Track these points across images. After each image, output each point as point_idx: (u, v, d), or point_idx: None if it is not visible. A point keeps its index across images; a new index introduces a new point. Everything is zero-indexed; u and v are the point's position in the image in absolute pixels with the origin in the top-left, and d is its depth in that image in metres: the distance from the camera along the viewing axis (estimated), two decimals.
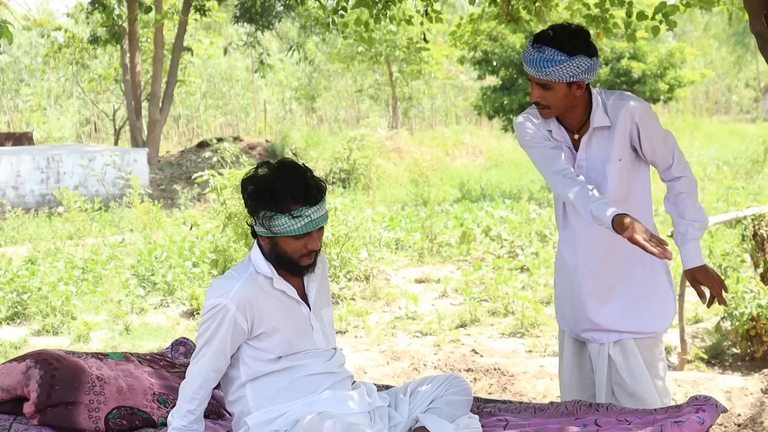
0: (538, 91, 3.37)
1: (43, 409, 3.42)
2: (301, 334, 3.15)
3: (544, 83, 3.34)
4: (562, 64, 3.27)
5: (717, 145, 22.46)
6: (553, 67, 3.27)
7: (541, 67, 3.29)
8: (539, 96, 3.37)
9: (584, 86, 3.38)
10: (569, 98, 3.37)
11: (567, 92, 3.35)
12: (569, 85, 3.33)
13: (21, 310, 8.39)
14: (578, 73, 3.29)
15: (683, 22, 36.79)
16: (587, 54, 3.30)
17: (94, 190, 17.30)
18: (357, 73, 30.26)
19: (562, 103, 3.38)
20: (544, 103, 3.38)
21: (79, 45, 24.00)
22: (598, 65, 3.39)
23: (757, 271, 7.44)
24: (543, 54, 3.29)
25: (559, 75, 3.28)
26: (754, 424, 5.21)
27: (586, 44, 3.32)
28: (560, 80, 3.30)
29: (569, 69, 3.27)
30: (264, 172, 3.02)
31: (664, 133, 3.44)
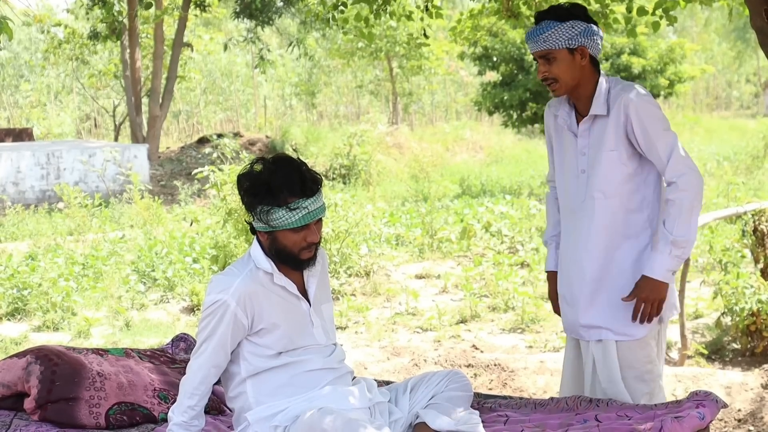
0: (543, 66, 3.39)
1: (44, 405, 3.42)
2: (302, 330, 3.15)
3: (545, 53, 3.36)
4: (555, 28, 3.32)
5: (717, 141, 22.45)
6: (547, 32, 3.33)
7: (537, 35, 3.35)
8: (545, 70, 3.38)
9: (588, 55, 3.37)
10: (574, 68, 3.37)
11: (571, 61, 3.35)
12: (571, 52, 3.34)
13: (21, 306, 8.40)
14: (575, 35, 3.32)
15: (683, 17, 36.78)
16: (581, 19, 3.35)
17: (95, 186, 17.30)
18: (357, 68, 30.25)
19: (567, 74, 3.37)
20: (550, 76, 3.39)
21: (79, 41, 23.99)
22: (597, 34, 3.38)
23: (757, 267, 7.45)
24: (539, 26, 3.37)
25: (555, 39, 3.32)
26: (754, 419, 5.21)
27: (580, 12, 3.38)
28: (558, 45, 3.33)
29: (564, 31, 3.32)
30: (259, 168, 3.03)
31: (662, 131, 3.32)
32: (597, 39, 3.38)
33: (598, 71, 3.44)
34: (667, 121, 3.36)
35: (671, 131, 3.34)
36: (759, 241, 7.38)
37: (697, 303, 7.61)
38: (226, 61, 32.41)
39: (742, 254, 8.39)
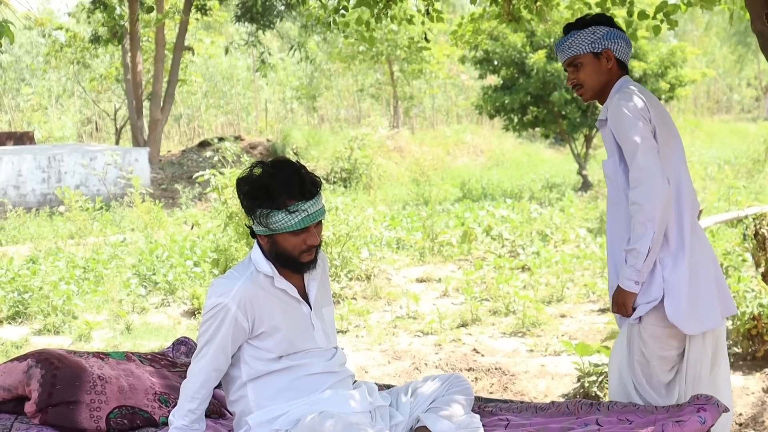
0: (571, 74, 3.48)
1: (45, 409, 3.42)
2: (302, 334, 3.15)
3: (572, 60, 3.45)
4: (578, 34, 3.43)
5: (718, 144, 22.45)
6: (571, 39, 3.44)
7: (563, 43, 3.47)
8: (573, 77, 3.47)
9: (613, 58, 3.42)
10: (600, 72, 3.43)
11: (596, 65, 3.42)
12: (596, 56, 3.42)
13: (22, 310, 8.40)
14: (598, 39, 3.41)
15: (684, 21, 36.79)
16: (603, 24, 3.44)
17: (96, 190, 17.31)
18: (358, 72, 30.26)
19: (593, 78, 3.44)
20: (577, 82, 3.46)
21: (81, 44, 24.02)
22: (621, 38, 3.44)
23: (758, 271, 7.43)
24: (564, 36, 3.48)
25: (578, 44, 3.42)
26: (756, 423, 5.21)
27: (603, 19, 3.47)
28: (582, 50, 3.41)
29: (586, 36, 3.41)
30: (258, 172, 3.04)
31: (628, 137, 3.28)
32: (621, 42, 3.44)
33: (626, 75, 3.49)
34: (637, 126, 3.26)
35: (637, 138, 3.26)
36: (760, 245, 7.37)
37: None
38: (227, 65, 32.42)
39: (743, 258, 8.38)
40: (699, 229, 3.42)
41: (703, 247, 3.39)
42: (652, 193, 3.20)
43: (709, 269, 3.38)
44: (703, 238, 3.42)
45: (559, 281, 8.76)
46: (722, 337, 3.52)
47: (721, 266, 7.90)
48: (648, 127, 3.27)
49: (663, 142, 3.33)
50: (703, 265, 3.36)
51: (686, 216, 3.35)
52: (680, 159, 3.42)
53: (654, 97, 3.43)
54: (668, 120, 3.43)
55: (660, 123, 3.35)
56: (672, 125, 3.46)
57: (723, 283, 3.47)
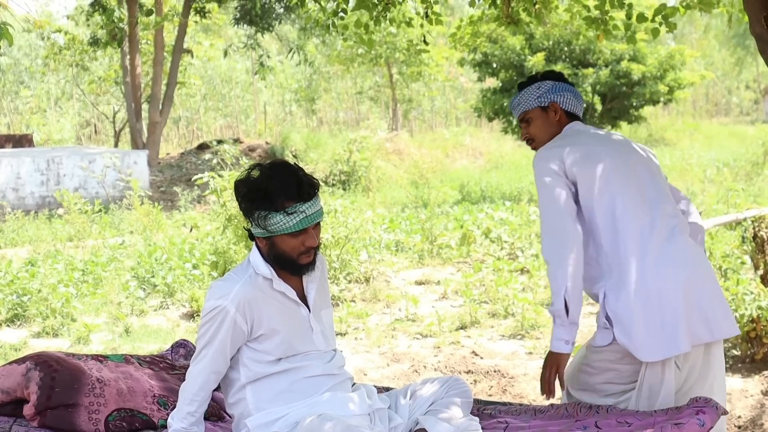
0: (524, 130, 3.60)
1: (43, 411, 3.42)
2: (301, 336, 3.15)
3: (522, 116, 3.58)
4: (524, 91, 3.57)
5: (717, 147, 22.47)
6: (519, 97, 3.57)
7: (513, 102, 3.61)
8: (525, 132, 3.59)
9: (560, 110, 3.52)
10: (549, 124, 3.53)
11: (544, 118, 3.54)
12: (544, 110, 3.53)
13: (21, 312, 8.39)
14: (544, 93, 3.53)
15: (683, 23, 36.83)
16: (551, 79, 3.56)
17: (94, 192, 17.31)
18: (357, 75, 30.29)
19: (542, 131, 3.53)
20: (529, 136, 3.58)
21: (79, 47, 24.04)
22: (568, 90, 3.55)
23: (757, 273, 7.44)
24: (515, 95, 3.63)
25: (527, 100, 3.55)
26: (755, 426, 5.21)
27: (550, 75, 3.59)
28: (530, 106, 3.54)
29: (534, 92, 3.54)
30: (256, 174, 3.04)
31: (538, 192, 3.37)
32: (568, 95, 3.54)
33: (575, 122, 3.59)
34: (542, 182, 3.33)
35: (542, 193, 3.33)
36: (759, 248, 7.38)
37: None
38: (226, 68, 32.44)
39: (741, 261, 8.38)
40: (668, 251, 3.30)
41: (669, 271, 3.26)
42: (557, 250, 3.25)
43: (675, 294, 3.24)
44: (674, 261, 3.28)
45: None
46: (710, 355, 3.41)
47: (720, 269, 7.93)
48: (557, 181, 3.31)
49: (590, 180, 3.32)
50: (667, 289, 3.24)
51: (630, 245, 3.28)
52: (624, 189, 3.34)
53: (590, 138, 3.44)
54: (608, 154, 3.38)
55: (587, 164, 3.33)
56: (616, 155, 3.40)
57: (711, 305, 3.32)
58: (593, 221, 3.34)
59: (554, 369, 3.30)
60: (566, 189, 3.30)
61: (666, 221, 3.36)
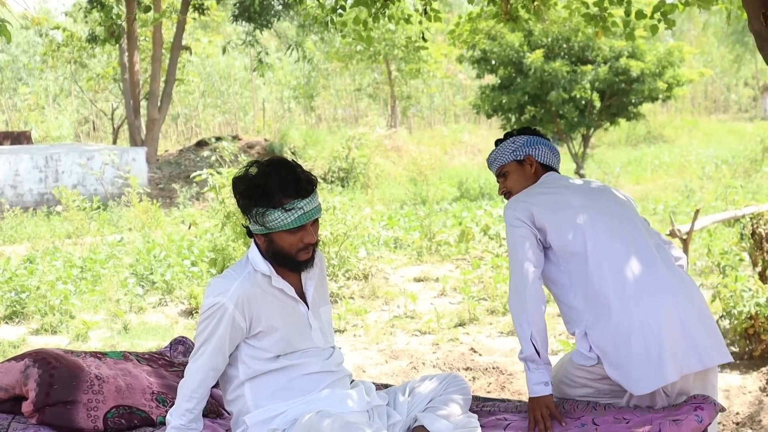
0: (501, 184, 3.67)
1: (42, 408, 3.42)
2: (300, 333, 3.15)
3: (499, 170, 3.64)
4: (500, 147, 3.65)
5: (715, 144, 22.49)
6: (496, 152, 3.64)
7: (490, 158, 3.67)
8: (503, 187, 3.66)
9: (536, 163, 3.58)
10: (525, 177, 3.59)
11: (520, 171, 3.60)
12: (520, 163, 3.60)
13: (19, 309, 8.39)
14: (519, 147, 3.59)
15: (682, 20, 36.81)
16: (525, 134, 3.64)
17: (93, 189, 17.30)
18: (355, 71, 30.27)
19: (519, 184, 3.59)
20: (506, 190, 3.64)
21: (78, 44, 24.01)
22: (543, 143, 3.61)
23: (755, 270, 7.45)
24: (491, 152, 3.69)
25: (503, 155, 3.62)
26: (753, 422, 5.21)
27: (526, 130, 3.67)
28: (506, 160, 3.61)
29: (509, 146, 3.62)
30: (254, 171, 3.05)
31: (508, 247, 3.43)
32: (543, 148, 3.60)
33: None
34: (510, 233, 3.38)
35: (510, 244, 3.39)
36: (757, 244, 7.38)
37: None
38: (224, 64, 32.42)
39: (740, 257, 8.39)
40: (648, 282, 3.26)
41: (650, 301, 3.22)
42: (518, 298, 3.32)
43: (657, 323, 3.20)
44: (655, 290, 3.25)
45: None
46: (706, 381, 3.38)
47: (718, 266, 7.92)
48: (520, 229, 3.36)
49: (560, 222, 3.35)
50: (648, 319, 3.20)
51: (607, 280, 3.26)
52: (596, 226, 3.35)
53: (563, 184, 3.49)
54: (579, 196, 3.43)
55: (556, 207, 3.37)
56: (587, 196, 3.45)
57: (699, 332, 3.26)
58: (568, 263, 3.37)
59: (543, 410, 3.25)
60: (530, 237, 3.36)
61: (645, 252, 3.35)
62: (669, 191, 15.14)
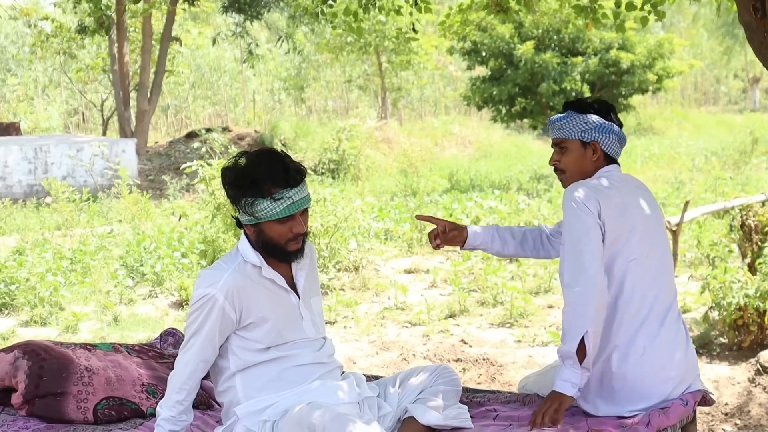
0: (555, 155, 3.41)
1: (32, 400, 3.41)
2: (291, 324, 3.15)
3: (560, 141, 3.37)
4: (571, 118, 3.33)
5: (705, 136, 22.52)
6: (563, 121, 3.34)
7: (555, 122, 3.38)
8: (556, 159, 3.40)
9: (600, 151, 3.33)
10: (583, 162, 3.34)
11: (582, 154, 3.34)
12: (584, 146, 3.33)
13: (9, 301, 8.36)
14: (589, 129, 3.31)
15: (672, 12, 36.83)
16: (601, 115, 3.34)
17: (83, 181, 17.24)
18: (346, 63, 30.19)
19: (575, 166, 3.35)
20: (560, 166, 3.39)
21: (67, 35, 23.87)
22: (614, 132, 3.33)
23: (744, 261, 7.48)
24: (559, 115, 3.39)
25: (569, 129, 3.33)
26: (741, 413, 5.24)
27: (603, 109, 3.36)
28: (572, 136, 3.33)
29: (579, 123, 3.32)
30: (243, 161, 3.05)
31: (566, 232, 3.19)
32: (613, 137, 3.34)
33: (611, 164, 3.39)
34: (583, 222, 3.14)
35: (579, 227, 3.15)
36: (746, 236, 7.41)
37: (684, 298, 7.64)
38: (214, 56, 32.30)
39: (729, 249, 8.42)
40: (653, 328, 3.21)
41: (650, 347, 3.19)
42: (584, 291, 3.08)
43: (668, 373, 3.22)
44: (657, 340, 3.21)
45: (547, 272, 8.79)
46: None
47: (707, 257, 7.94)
48: (595, 225, 3.14)
49: (614, 237, 3.19)
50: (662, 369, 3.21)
51: (626, 317, 3.19)
52: (633, 255, 3.22)
53: (618, 189, 3.27)
54: (633, 213, 3.26)
55: (614, 217, 3.19)
56: (648, 222, 3.29)
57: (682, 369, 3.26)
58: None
59: (554, 406, 3.10)
60: (597, 228, 3.15)
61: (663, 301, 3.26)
62: (659, 183, 15.18)
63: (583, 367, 3.09)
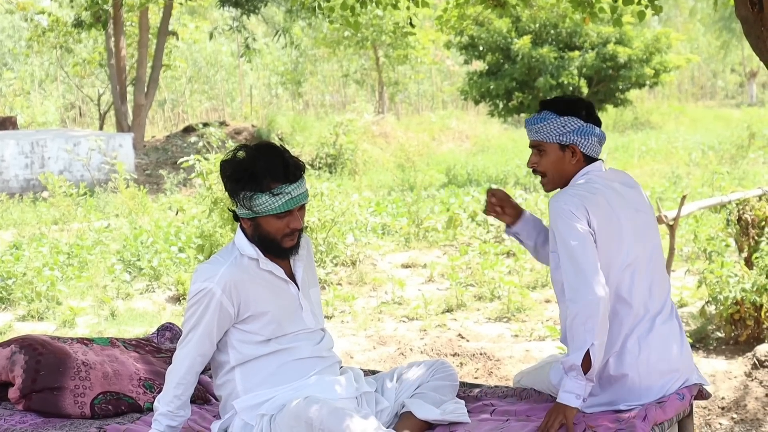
0: (533, 157, 3.33)
1: (28, 395, 3.41)
2: (291, 315, 3.15)
3: (537, 144, 3.29)
4: (549, 120, 3.25)
5: (702, 130, 22.53)
6: (541, 124, 3.26)
7: (532, 124, 3.30)
8: (534, 161, 3.32)
9: (580, 154, 3.26)
10: (563, 164, 3.28)
11: (560, 157, 3.27)
12: (562, 148, 3.26)
13: (6, 296, 8.36)
14: (567, 132, 3.24)
15: (669, 7, 36.82)
16: (579, 117, 3.25)
17: (79, 175, 17.22)
18: (343, 57, 30.15)
19: (555, 169, 3.28)
20: (539, 169, 3.32)
21: (63, 29, 23.82)
22: (594, 134, 3.26)
23: (741, 256, 7.48)
24: (538, 116, 3.30)
25: (547, 132, 3.25)
26: (738, 407, 5.25)
27: (583, 110, 3.28)
28: (550, 139, 3.25)
29: (557, 126, 3.24)
30: (242, 155, 3.04)
31: (563, 247, 3.11)
32: (593, 139, 3.26)
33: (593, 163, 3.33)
34: (578, 234, 3.09)
35: (576, 240, 3.09)
36: (743, 230, 7.41)
37: (681, 292, 7.65)
38: (211, 50, 32.26)
39: (726, 243, 8.43)
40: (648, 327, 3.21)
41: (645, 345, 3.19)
42: (591, 304, 3.03)
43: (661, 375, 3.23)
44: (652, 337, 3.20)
45: (544, 267, 8.79)
46: None
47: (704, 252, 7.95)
48: (583, 226, 3.10)
49: (605, 243, 3.14)
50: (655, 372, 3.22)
51: (625, 323, 3.18)
52: (624, 250, 3.18)
53: (602, 193, 3.19)
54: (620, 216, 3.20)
55: (603, 224, 3.15)
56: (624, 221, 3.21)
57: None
58: None
59: (559, 419, 3.05)
60: (590, 236, 3.10)
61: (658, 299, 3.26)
62: (656, 177, 15.18)
63: (587, 378, 3.05)
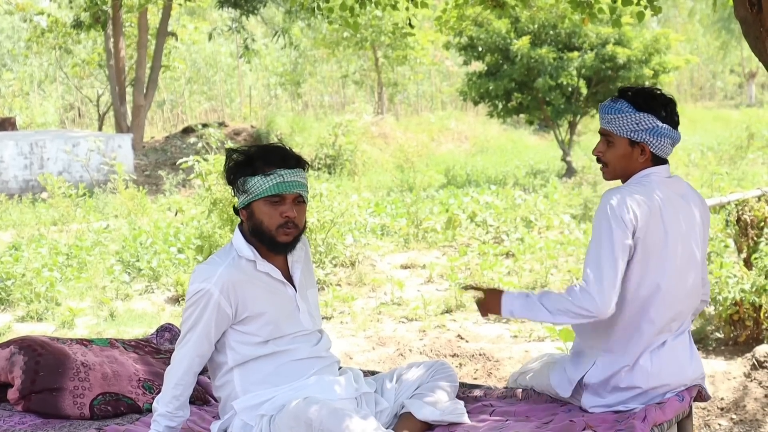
0: (601, 145, 3.26)
1: (28, 396, 3.41)
2: (288, 316, 3.15)
3: (607, 133, 3.21)
4: (625, 113, 3.16)
5: (701, 131, 22.55)
6: (615, 115, 3.17)
7: (606, 113, 3.21)
8: (601, 150, 3.25)
9: (648, 154, 3.17)
10: (629, 161, 3.20)
11: (628, 153, 3.19)
12: (632, 144, 3.17)
13: (5, 297, 8.35)
14: (640, 130, 3.14)
15: (668, 7, 36.83)
16: (657, 116, 3.15)
17: (78, 176, 17.22)
18: (342, 58, 30.15)
19: (620, 163, 3.21)
20: (603, 159, 3.25)
21: (63, 30, 23.83)
22: (667, 135, 3.16)
23: (740, 256, 7.48)
24: (614, 104, 3.21)
25: (619, 125, 3.16)
26: (737, 408, 5.25)
27: (662, 109, 3.18)
28: (621, 133, 3.16)
29: (631, 122, 3.14)
30: (248, 147, 3.16)
31: (593, 234, 3.11)
32: (666, 141, 3.16)
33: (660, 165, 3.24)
34: (603, 227, 3.06)
35: (601, 239, 3.06)
36: (742, 231, 7.42)
37: None
38: (210, 51, 32.25)
39: (725, 244, 8.42)
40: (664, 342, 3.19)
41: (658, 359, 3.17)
42: (588, 311, 3.02)
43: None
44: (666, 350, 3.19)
45: (543, 267, 8.79)
46: None
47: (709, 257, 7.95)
48: (622, 235, 3.04)
49: (647, 252, 3.10)
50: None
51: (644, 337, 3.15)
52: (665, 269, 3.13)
53: (660, 203, 3.12)
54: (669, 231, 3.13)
55: (651, 236, 3.09)
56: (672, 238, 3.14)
57: None
58: (628, 290, 3.11)
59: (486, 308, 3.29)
60: (627, 250, 3.05)
61: (683, 319, 3.23)
62: None
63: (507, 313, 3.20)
